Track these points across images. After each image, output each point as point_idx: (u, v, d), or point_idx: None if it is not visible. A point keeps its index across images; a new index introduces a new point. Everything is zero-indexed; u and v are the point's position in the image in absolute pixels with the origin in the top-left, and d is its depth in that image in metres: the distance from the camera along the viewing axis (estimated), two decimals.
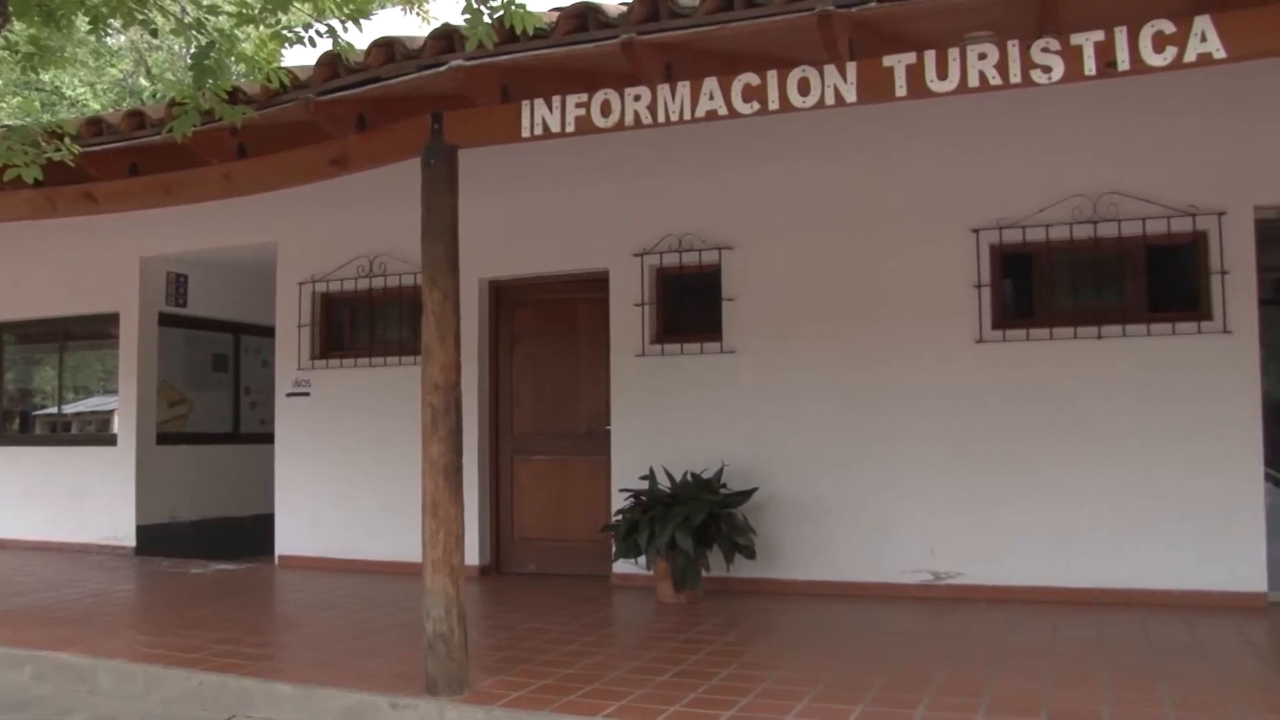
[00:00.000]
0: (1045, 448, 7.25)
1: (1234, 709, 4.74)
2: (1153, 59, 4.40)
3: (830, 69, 4.80)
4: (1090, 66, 4.48)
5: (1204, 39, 4.32)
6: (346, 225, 9.35)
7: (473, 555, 8.36)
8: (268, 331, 10.33)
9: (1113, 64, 4.45)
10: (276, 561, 9.56)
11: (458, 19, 4.88)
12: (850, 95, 4.79)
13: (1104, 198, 7.17)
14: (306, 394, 9.57)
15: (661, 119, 5.09)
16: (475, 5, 4.65)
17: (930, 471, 7.49)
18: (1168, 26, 4.37)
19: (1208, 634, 6.12)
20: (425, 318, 5.27)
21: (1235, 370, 6.91)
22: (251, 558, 10.01)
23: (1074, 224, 7.24)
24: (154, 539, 10.36)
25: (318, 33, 5.19)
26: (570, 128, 5.25)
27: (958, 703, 4.81)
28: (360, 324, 9.63)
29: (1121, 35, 4.42)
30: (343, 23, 5.16)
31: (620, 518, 7.55)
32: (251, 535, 10.51)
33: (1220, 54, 4.32)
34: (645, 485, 7.62)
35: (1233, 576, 6.82)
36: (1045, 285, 7.53)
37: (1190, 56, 4.35)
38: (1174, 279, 7.29)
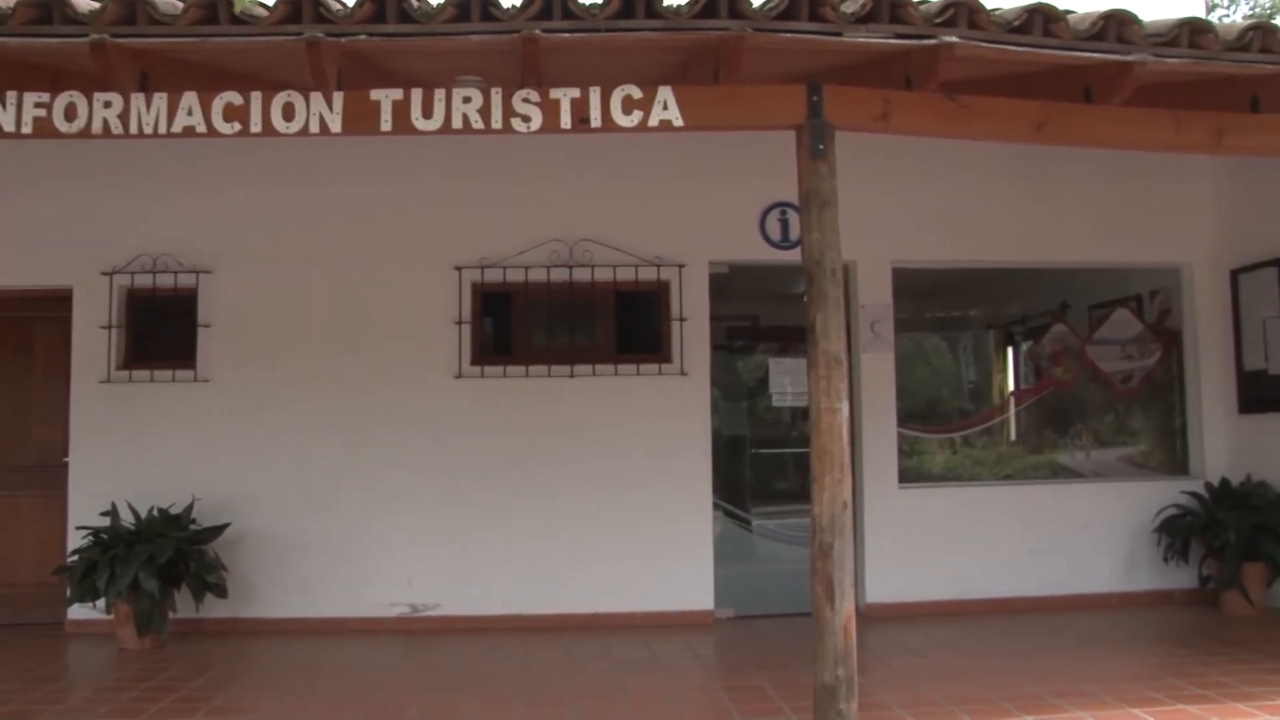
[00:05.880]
0: (520, 480, 7.57)
1: (682, 715, 5.20)
2: (623, 119, 4.77)
3: (317, 97, 4.73)
4: (566, 120, 4.76)
5: (666, 107, 4.76)
6: None
7: None
8: None
9: (587, 120, 4.77)
10: None
11: None
12: (335, 125, 4.75)
13: (580, 244, 7.64)
14: None
15: (135, 130, 4.75)
16: None
17: (411, 504, 7.56)
18: (636, 92, 4.76)
19: (663, 650, 6.68)
20: None
21: (691, 409, 7.65)
22: None
23: (551, 267, 7.66)
24: None
25: None
26: (27, 129, 4.76)
27: None
28: None
29: (595, 95, 4.76)
30: None
31: (77, 558, 6.94)
32: None
33: (679, 122, 4.78)
34: (107, 522, 7.06)
35: (686, 597, 7.53)
36: (523, 324, 7.88)
37: (654, 121, 4.77)
38: (642, 324, 7.93)
